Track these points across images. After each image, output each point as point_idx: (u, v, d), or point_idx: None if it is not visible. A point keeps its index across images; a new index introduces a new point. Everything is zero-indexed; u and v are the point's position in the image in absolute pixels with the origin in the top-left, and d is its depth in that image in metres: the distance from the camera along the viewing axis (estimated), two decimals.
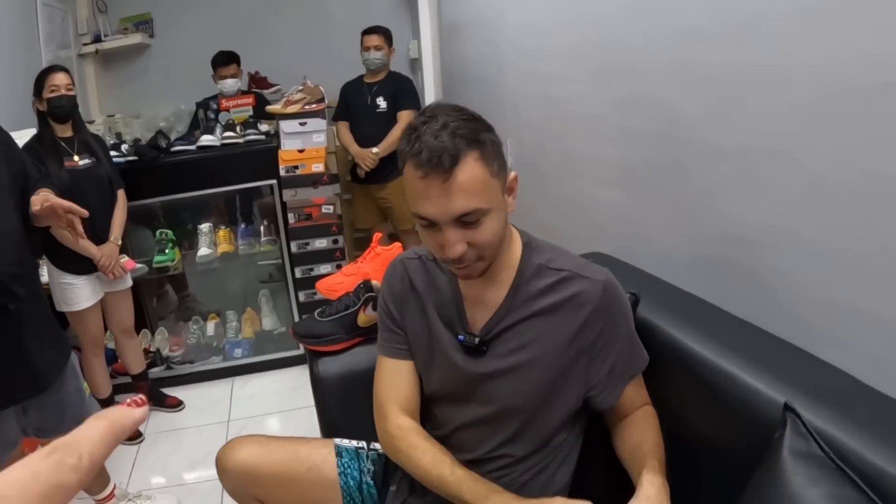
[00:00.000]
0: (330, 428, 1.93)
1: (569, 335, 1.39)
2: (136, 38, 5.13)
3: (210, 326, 4.23)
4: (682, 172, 1.82)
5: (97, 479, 2.64)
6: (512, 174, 1.34)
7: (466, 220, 1.25)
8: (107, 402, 3.42)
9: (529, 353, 1.41)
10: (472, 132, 1.25)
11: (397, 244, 2.12)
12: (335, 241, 3.84)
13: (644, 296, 1.59)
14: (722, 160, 1.65)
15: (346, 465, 1.69)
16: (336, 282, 1.96)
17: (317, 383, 1.95)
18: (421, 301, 1.54)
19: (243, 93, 4.45)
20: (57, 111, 3.01)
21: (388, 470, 1.70)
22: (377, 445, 1.76)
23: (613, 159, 2.16)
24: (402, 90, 4.36)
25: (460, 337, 1.46)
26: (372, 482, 1.68)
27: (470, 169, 1.23)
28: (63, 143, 3.07)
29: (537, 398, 1.43)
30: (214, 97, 4.39)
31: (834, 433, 1.09)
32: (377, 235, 2.13)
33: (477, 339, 1.44)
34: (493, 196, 1.28)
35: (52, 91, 2.98)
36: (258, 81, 5.20)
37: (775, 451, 1.09)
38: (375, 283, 2.02)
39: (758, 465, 1.13)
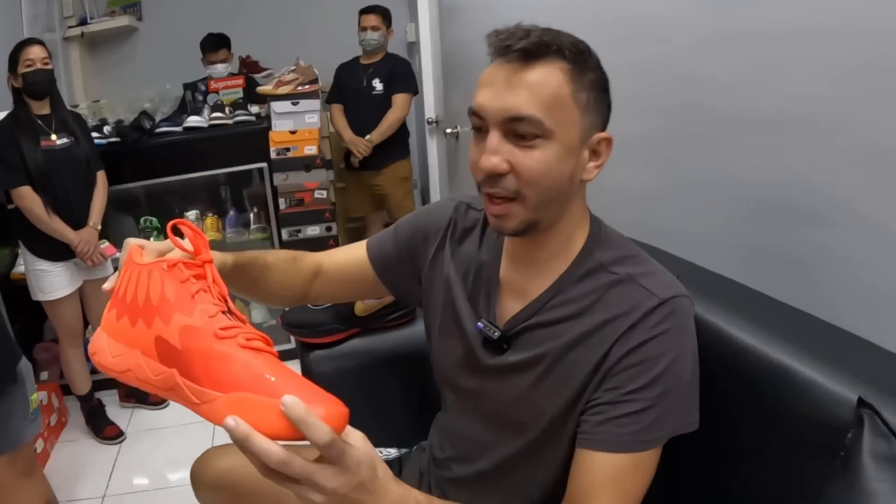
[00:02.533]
0: None
1: (602, 352, 1.09)
2: (123, 21, 4.99)
3: None
4: (712, 145, 1.65)
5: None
6: (605, 134, 1.09)
7: (519, 132, 1.02)
8: (86, 398, 3.31)
9: (552, 360, 1.14)
10: (577, 50, 1.05)
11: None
12: (328, 229, 3.70)
13: None
14: (759, 130, 1.48)
15: None
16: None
17: (308, 378, 1.76)
18: (446, 257, 1.31)
19: (233, 75, 4.30)
20: (32, 87, 2.87)
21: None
22: (380, 449, 1.57)
23: (633, 135, 1.96)
24: (399, 72, 4.23)
25: (479, 325, 1.22)
26: None
27: (550, 75, 1.02)
28: (40, 122, 2.93)
29: (545, 417, 1.16)
30: (203, 79, 4.23)
31: None
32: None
33: (497, 333, 1.19)
34: (565, 125, 1.03)
35: (28, 66, 2.84)
36: (249, 66, 5.04)
37: (852, 455, 0.93)
38: None
39: (826, 471, 0.97)
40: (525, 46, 1.01)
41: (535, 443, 1.19)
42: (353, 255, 1.40)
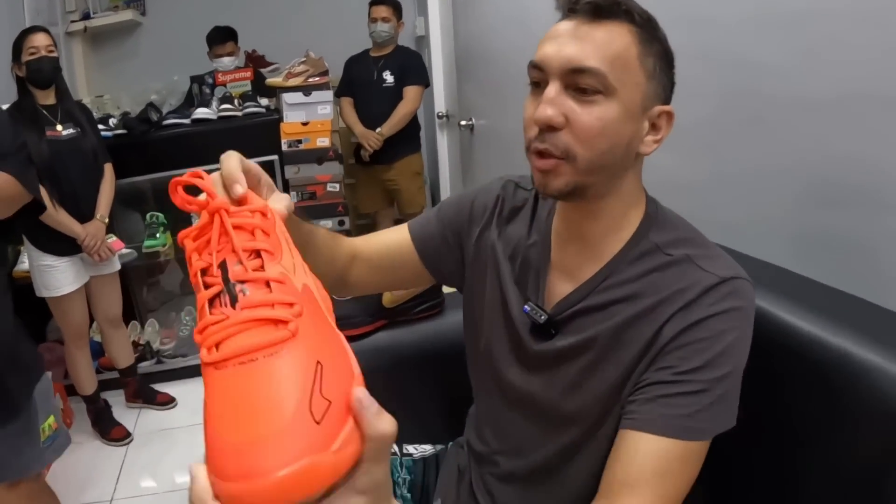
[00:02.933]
0: None
1: (653, 331, 1.03)
2: (126, 16, 4.92)
3: None
4: (761, 130, 1.59)
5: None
6: (667, 108, 1.03)
7: (580, 86, 0.97)
8: (91, 400, 3.24)
9: (603, 345, 1.07)
10: (646, 17, 1.01)
11: None
12: (341, 223, 3.67)
13: None
14: (815, 111, 1.42)
15: None
16: None
17: None
18: (492, 236, 1.24)
19: (240, 68, 4.22)
20: (36, 74, 2.79)
21: (428, 479, 1.42)
22: (411, 449, 1.48)
23: (678, 123, 1.92)
24: (410, 65, 4.18)
25: (525, 307, 1.15)
26: (409, 496, 1.40)
27: (618, 34, 0.97)
28: (45, 112, 2.86)
29: (596, 406, 1.09)
30: (210, 73, 4.16)
31: None
32: None
33: (544, 317, 1.12)
34: (629, 85, 0.98)
35: (32, 53, 2.78)
36: (255, 60, 4.95)
37: None
38: None
39: (893, 458, 0.95)
40: (596, 1, 0.97)
41: (588, 434, 1.11)
42: (393, 237, 1.31)
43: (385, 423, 0.56)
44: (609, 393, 1.05)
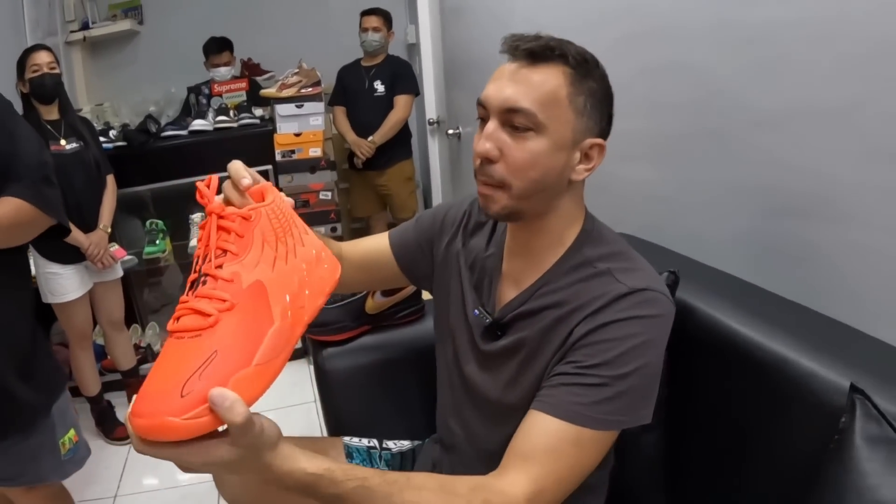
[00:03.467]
0: (337, 425, 1.78)
1: (568, 331, 1.15)
2: (125, 25, 4.99)
3: None
4: (719, 143, 1.68)
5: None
6: (598, 140, 1.15)
7: (515, 124, 1.10)
8: (95, 400, 3.31)
9: (532, 345, 1.20)
10: (581, 59, 1.12)
11: None
12: (334, 229, 3.73)
13: (681, 277, 1.45)
14: (767, 127, 1.50)
15: None
16: None
17: (321, 376, 1.80)
18: (458, 246, 1.39)
19: (236, 78, 4.32)
20: (39, 90, 2.89)
21: (405, 471, 1.54)
22: (390, 444, 1.61)
23: (640, 132, 2.00)
24: (401, 74, 4.26)
25: (475, 311, 1.30)
26: None
27: (551, 75, 1.10)
28: (49, 127, 2.94)
29: (529, 397, 1.19)
30: (206, 83, 4.25)
31: None
32: None
33: (489, 320, 1.27)
34: (558, 122, 1.10)
35: (34, 71, 2.87)
36: (251, 68, 5.04)
37: (846, 437, 0.98)
38: None
39: (824, 453, 1.01)
40: (531, 48, 1.10)
41: None
42: (374, 243, 1.48)
43: (234, 416, 0.76)
44: (536, 387, 1.17)
